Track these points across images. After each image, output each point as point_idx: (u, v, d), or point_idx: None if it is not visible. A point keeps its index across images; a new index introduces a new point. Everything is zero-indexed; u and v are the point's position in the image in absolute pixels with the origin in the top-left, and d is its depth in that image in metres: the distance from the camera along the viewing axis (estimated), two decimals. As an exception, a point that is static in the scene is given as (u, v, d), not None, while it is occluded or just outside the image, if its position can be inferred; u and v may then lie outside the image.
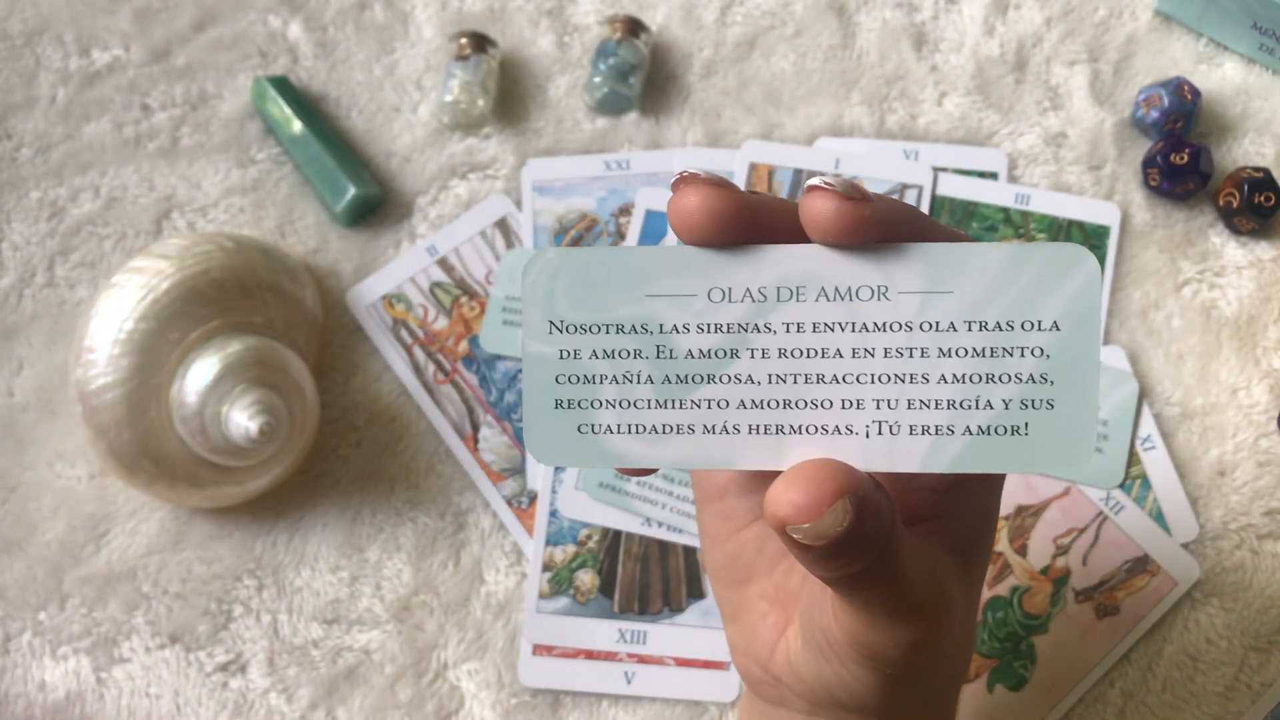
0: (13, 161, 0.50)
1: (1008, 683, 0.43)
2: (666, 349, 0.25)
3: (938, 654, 0.28)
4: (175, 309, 0.42)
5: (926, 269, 0.24)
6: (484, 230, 0.49)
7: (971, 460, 0.24)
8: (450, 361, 0.47)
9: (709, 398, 0.24)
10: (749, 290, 0.24)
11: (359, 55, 0.51)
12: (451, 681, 0.44)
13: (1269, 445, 0.46)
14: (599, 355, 0.25)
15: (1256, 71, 0.51)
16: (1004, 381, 0.24)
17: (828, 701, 0.29)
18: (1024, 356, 0.23)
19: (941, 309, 0.24)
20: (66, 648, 0.44)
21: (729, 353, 0.24)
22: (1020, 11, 0.52)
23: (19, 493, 0.45)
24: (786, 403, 0.24)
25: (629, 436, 0.25)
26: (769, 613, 0.30)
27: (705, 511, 0.32)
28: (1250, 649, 0.43)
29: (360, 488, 0.46)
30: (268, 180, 0.50)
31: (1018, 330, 0.23)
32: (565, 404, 0.25)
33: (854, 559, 0.23)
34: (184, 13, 0.52)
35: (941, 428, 0.24)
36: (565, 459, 0.25)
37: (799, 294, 0.24)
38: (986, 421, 0.24)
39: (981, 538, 0.29)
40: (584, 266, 0.25)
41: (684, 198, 0.24)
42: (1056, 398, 0.23)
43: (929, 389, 0.24)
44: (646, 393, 0.25)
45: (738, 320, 0.24)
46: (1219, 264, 0.48)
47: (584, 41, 0.52)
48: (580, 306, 0.25)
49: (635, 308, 0.25)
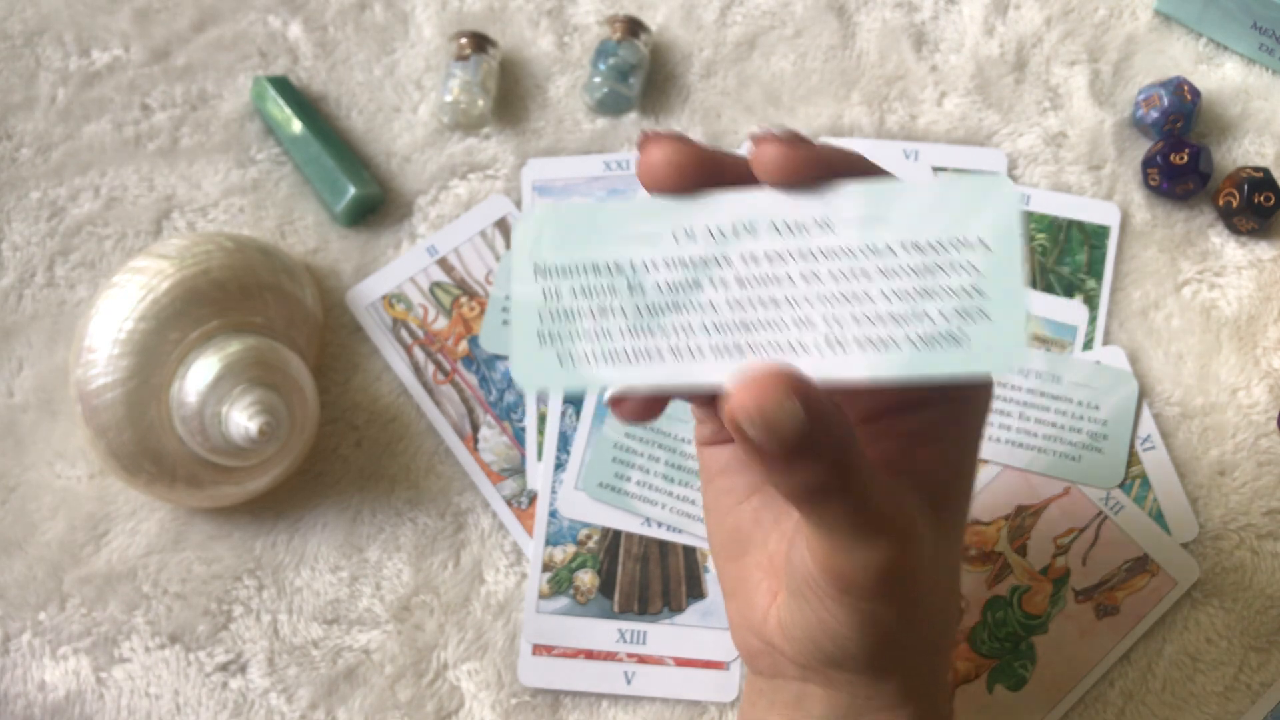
0: (13, 161, 0.50)
1: (1007, 683, 0.43)
2: (638, 284, 0.27)
3: (907, 591, 0.29)
4: (175, 309, 0.42)
5: (865, 202, 0.26)
6: (484, 230, 0.49)
7: (916, 368, 0.26)
8: (450, 361, 0.47)
9: (676, 325, 0.27)
10: (709, 228, 0.27)
11: (359, 55, 0.51)
12: (451, 681, 0.44)
13: (1269, 445, 0.46)
14: (577, 293, 0.28)
15: (1256, 71, 0.51)
16: (940, 296, 0.26)
17: (817, 658, 0.30)
18: (957, 272, 0.26)
19: (880, 235, 0.26)
20: (66, 647, 0.44)
21: (692, 284, 0.27)
22: (1020, 11, 0.52)
23: (19, 493, 0.45)
24: (744, 325, 0.27)
25: (605, 364, 0.27)
26: (763, 581, 0.32)
27: (709, 489, 0.33)
28: (1250, 649, 0.43)
29: (360, 488, 0.46)
30: (268, 180, 0.50)
31: (949, 250, 0.26)
32: (547, 338, 0.28)
33: (810, 466, 0.25)
34: (184, 13, 0.52)
35: (886, 340, 0.26)
36: (548, 385, 0.28)
37: (753, 229, 0.27)
38: (927, 332, 0.26)
39: (954, 487, 0.31)
40: (566, 217, 0.28)
41: (649, 154, 0.27)
42: (989, 308, 0.26)
43: (873, 306, 0.26)
44: (620, 324, 0.27)
45: (699, 255, 0.27)
46: (1219, 264, 0.48)
47: (584, 41, 0.52)
48: (561, 251, 0.28)
49: (610, 250, 0.28)
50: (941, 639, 0.33)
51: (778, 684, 0.33)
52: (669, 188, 0.27)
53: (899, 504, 0.28)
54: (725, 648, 0.43)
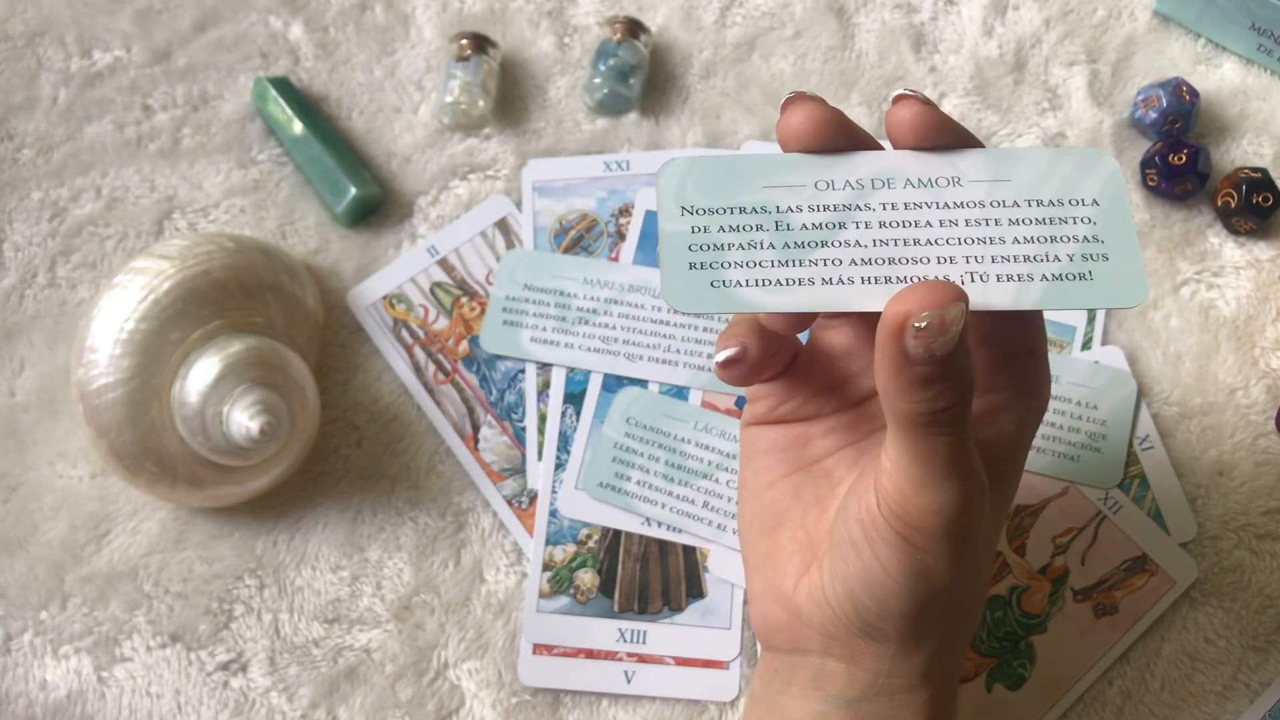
0: (14, 162, 0.50)
1: (1006, 682, 0.43)
2: (784, 224, 0.29)
3: (964, 551, 0.30)
4: (176, 309, 0.42)
5: (989, 165, 0.30)
6: (484, 230, 0.49)
7: (1052, 299, 0.29)
8: (451, 361, 0.47)
9: (825, 257, 0.29)
10: (849, 181, 0.30)
11: (360, 56, 0.52)
12: (452, 681, 0.44)
13: (1267, 445, 0.46)
14: (726, 229, 0.29)
15: (1255, 72, 0.51)
16: (1065, 241, 0.29)
17: (851, 622, 0.31)
18: (1076, 224, 0.29)
19: (1005, 191, 0.30)
20: (68, 647, 0.44)
21: (837, 224, 0.29)
22: (1019, 12, 0.52)
23: (20, 492, 0.46)
24: (891, 260, 0.29)
25: (757, 288, 0.29)
26: (795, 554, 0.33)
27: (748, 467, 0.35)
28: (1248, 648, 0.44)
29: (361, 487, 0.46)
30: (269, 181, 0.50)
31: (1067, 205, 0.30)
32: (699, 266, 0.29)
33: (945, 389, 0.27)
34: (185, 14, 0.52)
35: (1022, 275, 0.29)
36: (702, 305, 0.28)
37: (890, 183, 0.30)
38: (1058, 270, 0.29)
39: (1008, 470, 0.32)
40: (708, 168, 0.30)
41: (792, 113, 0.29)
42: (1108, 252, 0.29)
43: (1007, 248, 0.29)
44: (770, 255, 0.29)
45: (841, 202, 0.29)
46: (1217, 264, 0.48)
47: (584, 42, 0.52)
48: (707, 195, 0.29)
49: (754, 195, 0.29)
50: (967, 618, 0.33)
51: (795, 660, 0.33)
52: (809, 145, 0.29)
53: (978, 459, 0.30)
54: (725, 647, 0.44)
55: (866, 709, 0.32)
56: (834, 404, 0.34)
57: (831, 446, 0.34)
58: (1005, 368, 0.31)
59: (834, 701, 0.32)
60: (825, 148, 0.30)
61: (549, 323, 0.47)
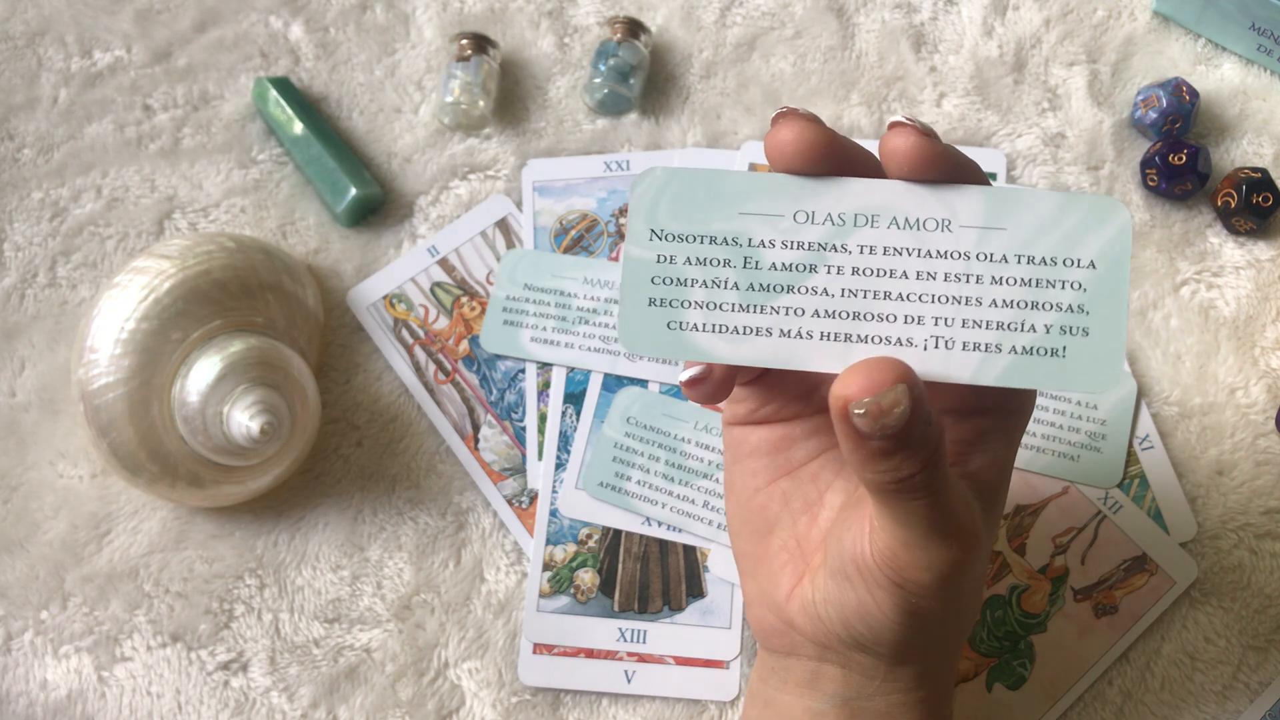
0: (15, 162, 0.50)
1: (1006, 682, 0.43)
2: (753, 260, 0.28)
3: (959, 590, 0.29)
4: (177, 309, 0.42)
5: (986, 207, 0.28)
6: (485, 230, 0.49)
7: (1015, 376, 0.27)
8: (451, 361, 0.47)
9: (788, 305, 0.28)
10: (830, 215, 0.28)
11: (360, 56, 0.52)
12: (452, 680, 0.44)
13: (1267, 444, 0.46)
14: (692, 262, 0.28)
15: (1255, 72, 0.51)
16: (1046, 309, 0.27)
17: (842, 640, 0.31)
18: (1064, 289, 0.27)
19: (996, 242, 0.27)
20: (68, 646, 0.44)
21: (808, 267, 0.28)
22: (1019, 12, 0.52)
23: (21, 492, 0.46)
24: (855, 315, 0.28)
25: (713, 335, 0.28)
26: (788, 562, 0.32)
27: (736, 470, 0.34)
28: (1248, 648, 0.44)
29: (361, 487, 0.46)
30: (269, 181, 0.50)
31: (1060, 265, 0.27)
32: (658, 302, 0.28)
33: (906, 459, 0.26)
34: (185, 14, 0.52)
35: (990, 346, 0.27)
36: (655, 350, 0.28)
37: (874, 221, 0.28)
38: (1030, 343, 0.27)
39: (999, 487, 0.31)
40: (686, 184, 0.28)
41: (780, 130, 0.28)
42: (1091, 326, 0.27)
43: (981, 311, 0.27)
44: (732, 297, 0.28)
45: (818, 240, 0.28)
46: (1217, 264, 0.48)
47: (584, 42, 0.52)
48: (680, 218, 0.28)
49: (729, 223, 0.28)
50: (964, 625, 0.33)
51: (791, 662, 0.33)
52: (796, 167, 0.28)
53: (969, 508, 0.29)
54: (725, 647, 0.44)
55: (863, 706, 0.32)
56: (814, 405, 0.33)
57: (815, 449, 0.33)
58: (991, 390, 0.30)
59: (831, 700, 0.32)
60: (813, 171, 0.28)
61: (549, 322, 0.47)
